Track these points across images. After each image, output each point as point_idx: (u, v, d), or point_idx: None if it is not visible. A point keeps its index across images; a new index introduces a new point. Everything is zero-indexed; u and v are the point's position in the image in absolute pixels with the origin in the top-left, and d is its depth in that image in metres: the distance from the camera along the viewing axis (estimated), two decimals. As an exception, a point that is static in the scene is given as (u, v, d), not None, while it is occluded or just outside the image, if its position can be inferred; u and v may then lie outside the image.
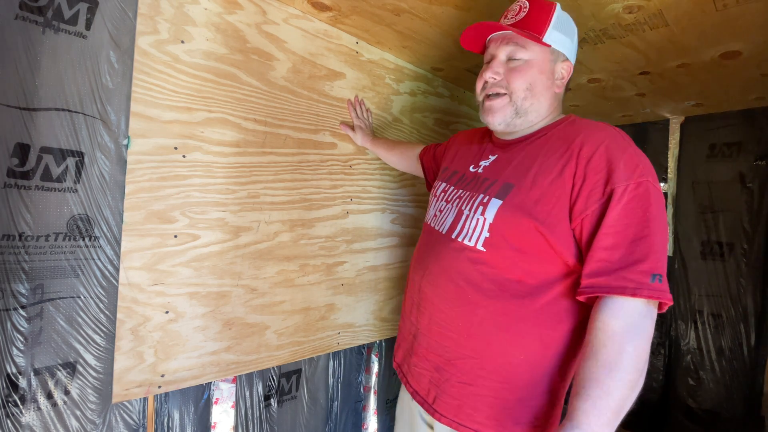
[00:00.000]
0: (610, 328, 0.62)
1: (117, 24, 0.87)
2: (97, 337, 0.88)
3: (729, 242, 1.85)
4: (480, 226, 0.75)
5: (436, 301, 0.81)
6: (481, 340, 0.74)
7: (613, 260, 0.63)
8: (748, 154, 1.81)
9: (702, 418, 1.88)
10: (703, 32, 1.11)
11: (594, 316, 0.65)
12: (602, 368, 0.60)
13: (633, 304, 0.62)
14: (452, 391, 0.77)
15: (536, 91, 0.80)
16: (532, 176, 0.74)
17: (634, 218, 0.64)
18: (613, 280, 0.63)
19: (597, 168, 0.68)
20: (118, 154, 0.89)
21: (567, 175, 0.70)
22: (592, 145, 0.70)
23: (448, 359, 0.78)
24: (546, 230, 0.69)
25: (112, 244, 0.89)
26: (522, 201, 0.72)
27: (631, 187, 0.65)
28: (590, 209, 0.67)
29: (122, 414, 0.92)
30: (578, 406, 0.59)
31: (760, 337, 1.75)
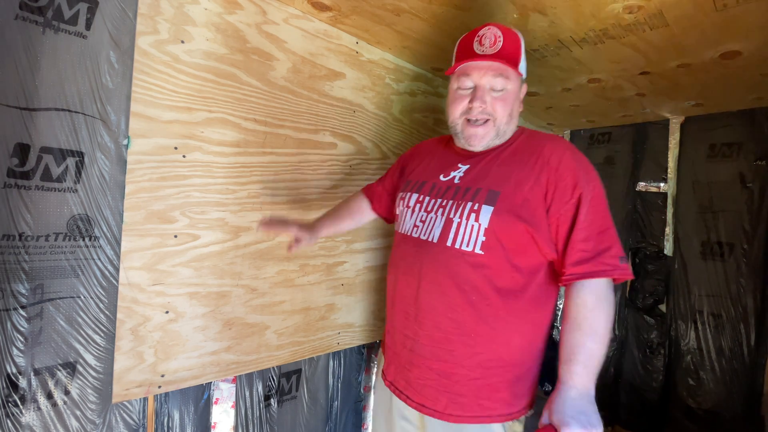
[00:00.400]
0: (589, 303, 0.76)
1: (117, 24, 0.87)
2: (97, 337, 0.88)
3: (729, 242, 1.85)
4: (476, 231, 0.82)
5: (440, 309, 0.84)
6: (487, 336, 0.82)
7: (589, 250, 0.77)
8: (748, 154, 1.81)
9: (702, 418, 1.88)
10: (703, 32, 1.11)
11: (573, 296, 0.78)
12: (585, 335, 0.75)
13: (603, 281, 0.77)
14: (463, 391, 0.83)
15: (514, 115, 0.90)
16: (513, 183, 0.83)
17: (597, 215, 0.79)
18: (593, 266, 0.77)
19: (564, 175, 0.81)
20: (118, 154, 0.89)
21: (542, 182, 0.81)
22: (557, 155, 0.83)
23: (456, 362, 0.84)
24: (533, 230, 0.80)
25: (112, 244, 0.89)
26: (511, 205, 0.81)
27: (590, 189, 0.80)
28: (563, 209, 0.79)
29: (122, 414, 0.92)
30: (571, 369, 0.74)
31: (760, 337, 1.75)
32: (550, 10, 1.05)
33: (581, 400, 0.72)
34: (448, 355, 0.84)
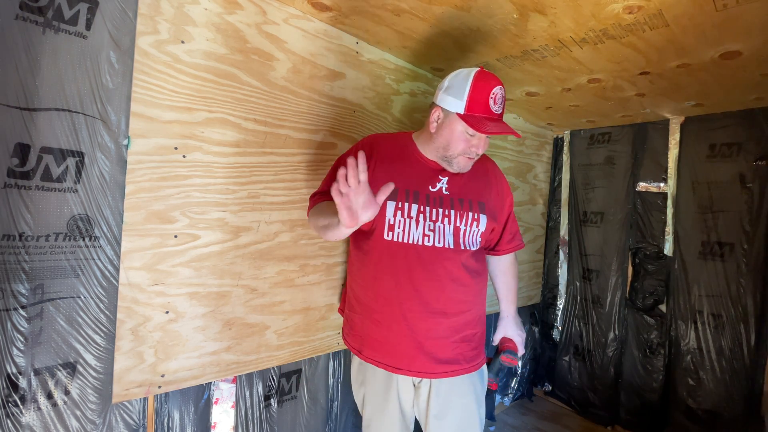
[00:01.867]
0: (513, 264, 1.27)
1: (117, 24, 0.87)
2: (97, 337, 0.88)
3: (729, 242, 1.85)
4: (476, 235, 1.09)
5: (456, 294, 1.07)
6: (475, 303, 1.12)
7: (513, 233, 1.23)
8: (748, 155, 1.81)
9: (702, 418, 1.88)
10: (703, 32, 1.11)
11: (507, 261, 1.26)
12: (513, 281, 1.28)
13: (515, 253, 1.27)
14: (471, 346, 1.10)
15: None
16: (490, 195, 1.13)
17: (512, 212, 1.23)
18: (517, 243, 1.24)
19: (504, 187, 1.19)
20: (118, 154, 0.89)
21: (498, 193, 1.16)
22: (498, 170, 1.21)
23: (467, 327, 1.09)
24: (499, 227, 1.17)
25: (112, 244, 0.89)
26: (491, 213, 1.12)
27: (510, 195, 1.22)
28: (505, 210, 1.19)
29: (122, 414, 0.93)
30: (509, 303, 1.28)
31: (760, 337, 1.75)
32: (550, 10, 1.05)
33: (518, 319, 1.28)
34: (463, 325, 1.08)
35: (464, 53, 1.38)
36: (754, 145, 1.79)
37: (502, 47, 1.30)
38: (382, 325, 1.05)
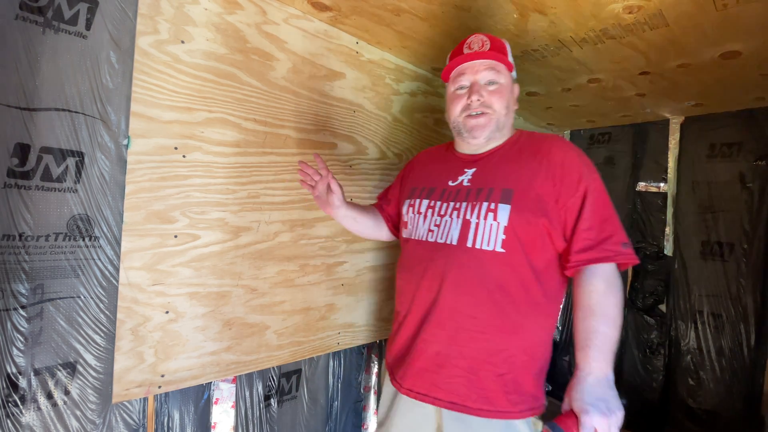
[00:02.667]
0: (599, 289, 0.78)
1: (117, 24, 0.87)
2: (97, 337, 0.88)
3: (729, 242, 1.85)
4: (495, 230, 0.85)
5: (464, 309, 0.86)
6: (510, 332, 0.85)
7: (593, 238, 0.81)
8: (748, 154, 1.81)
9: (702, 418, 1.88)
10: (703, 32, 1.11)
11: (582, 283, 0.81)
12: (599, 320, 0.77)
13: (610, 267, 0.80)
14: (491, 386, 0.85)
15: (509, 110, 0.96)
16: (525, 180, 0.87)
17: (599, 206, 0.83)
18: (597, 252, 0.80)
19: (569, 170, 0.85)
20: (118, 154, 0.89)
21: (549, 177, 0.86)
22: (561, 152, 0.88)
23: (483, 359, 0.85)
24: (549, 224, 0.84)
25: (112, 244, 0.89)
26: (526, 203, 0.85)
27: (593, 183, 0.85)
28: (570, 202, 0.84)
29: (122, 414, 0.92)
30: (587, 355, 0.75)
31: (760, 337, 1.75)
32: (550, 10, 1.05)
33: (599, 386, 0.73)
34: (476, 353, 0.85)
35: (464, 53, 1.38)
36: (754, 145, 1.79)
37: (502, 47, 1.30)
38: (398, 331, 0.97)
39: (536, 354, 0.87)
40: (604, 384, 0.73)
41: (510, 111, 0.96)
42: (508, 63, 0.95)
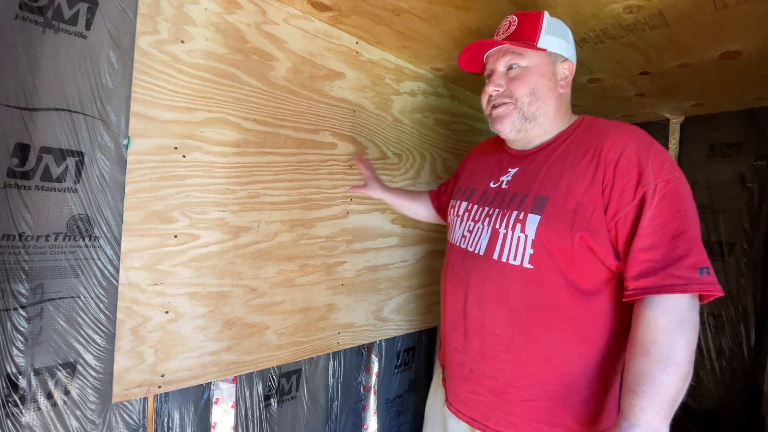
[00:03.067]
0: (660, 324, 0.63)
1: (117, 24, 0.87)
2: (97, 337, 0.88)
3: (729, 242, 1.85)
4: (522, 243, 0.75)
5: (488, 325, 0.80)
6: (541, 357, 0.75)
7: (657, 259, 0.64)
8: (748, 154, 1.81)
9: (702, 418, 1.88)
10: (703, 32, 1.11)
11: (640, 314, 0.65)
12: (655, 364, 0.61)
13: (680, 298, 0.63)
14: (516, 411, 0.77)
15: (540, 95, 0.81)
16: (564, 187, 0.74)
17: (669, 216, 0.65)
18: (661, 279, 0.63)
19: (625, 171, 0.69)
20: (118, 154, 0.89)
21: (597, 181, 0.71)
22: (618, 147, 0.71)
23: (507, 381, 0.78)
24: (589, 238, 0.70)
25: (112, 244, 0.89)
26: (560, 213, 0.72)
27: (661, 186, 0.67)
28: (623, 211, 0.68)
29: (122, 414, 0.92)
30: (635, 404, 0.61)
31: (760, 337, 1.75)
32: (550, 10, 1.05)
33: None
34: (499, 373, 0.79)
35: (464, 53, 1.38)
36: (754, 145, 1.79)
37: (502, 47, 1.30)
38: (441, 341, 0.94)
39: (576, 386, 0.74)
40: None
41: (544, 96, 0.81)
42: (532, 43, 0.80)
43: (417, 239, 1.63)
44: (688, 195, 0.68)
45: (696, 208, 0.68)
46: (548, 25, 0.82)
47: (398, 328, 1.57)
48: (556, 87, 0.83)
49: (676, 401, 0.62)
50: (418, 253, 1.63)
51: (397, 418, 1.67)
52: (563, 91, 0.84)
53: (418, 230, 1.63)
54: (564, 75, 0.84)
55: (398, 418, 1.68)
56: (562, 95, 0.84)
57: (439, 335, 1.83)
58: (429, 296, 1.71)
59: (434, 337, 1.84)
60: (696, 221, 0.67)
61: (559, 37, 0.82)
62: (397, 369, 1.65)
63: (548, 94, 0.82)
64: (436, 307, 1.75)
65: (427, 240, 1.67)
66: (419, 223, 1.63)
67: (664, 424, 0.61)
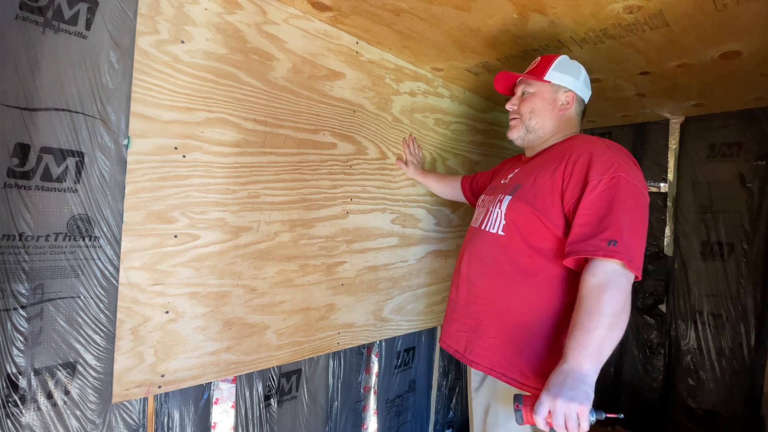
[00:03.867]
0: (589, 283, 0.81)
1: (117, 24, 0.87)
2: (97, 337, 0.88)
3: (729, 242, 1.85)
4: (499, 217, 1.01)
5: (472, 278, 1.05)
6: (502, 304, 0.97)
7: (585, 233, 0.84)
8: (748, 154, 1.81)
9: (702, 418, 1.88)
10: (703, 32, 1.11)
11: (581, 276, 0.84)
12: (584, 314, 0.79)
13: (608, 264, 0.81)
14: (484, 344, 0.99)
15: (537, 112, 1.08)
16: (534, 178, 0.99)
17: (604, 203, 0.84)
18: (581, 246, 0.83)
19: (580, 168, 0.90)
20: (118, 154, 0.89)
21: (557, 174, 0.93)
22: (579, 152, 0.93)
23: (480, 321, 1.01)
24: (540, 214, 0.92)
25: (112, 244, 0.89)
26: (524, 195, 0.97)
27: (605, 181, 0.85)
28: (574, 198, 0.89)
29: (122, 414, 0.92)
30: (567, 345, 0.80)
31: (760, 337, 1.75)
32: (550, 10, 1.05)
33: (569, 376, 0.76)
34: (475, 314, 1.02)
35: (464, 53, 1.38)
36: (754, 145, 1.79)
37: (502, 47, 1.30)
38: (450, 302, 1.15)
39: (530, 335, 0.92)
40: (576, 376, 0.76)
41: (540, 114, 1.07)
42: (541, 77, 1.06)
43: (417, 239, 1.63)
44: (629, 191, 0.85)
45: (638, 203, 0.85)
46: (558, 64, 1.07)
47: (398, 328, 1.57)
48: (555, 109, 1.07)
49: (600, 345, 0.77)
50: (418, 253, 1.64)
51: (397, 418, 1.67)
52: (562, 113, 1.08)
53: (418, 230, 1.63)
54: (565, 101, 1.07)
55: (398, 418, 1.68)
56: (561, 116, 1.08)
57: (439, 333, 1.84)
58: (429, 296, 1.71)
59: (434, 337, 1.84)
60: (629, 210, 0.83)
61: (565, 74, 1.06)
62: (397, 369, 1.65)
63: (545, 112, 1.07)
64: (435, 307, 1.75)
65: (427, 240, 1.67)
66: (419, 223, 1.63)
67: (587, 360, 0.76)
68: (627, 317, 0.79)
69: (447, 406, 1.94)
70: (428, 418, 1.84)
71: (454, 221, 1.81)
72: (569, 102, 1.07)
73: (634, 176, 0.87)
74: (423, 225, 1.65)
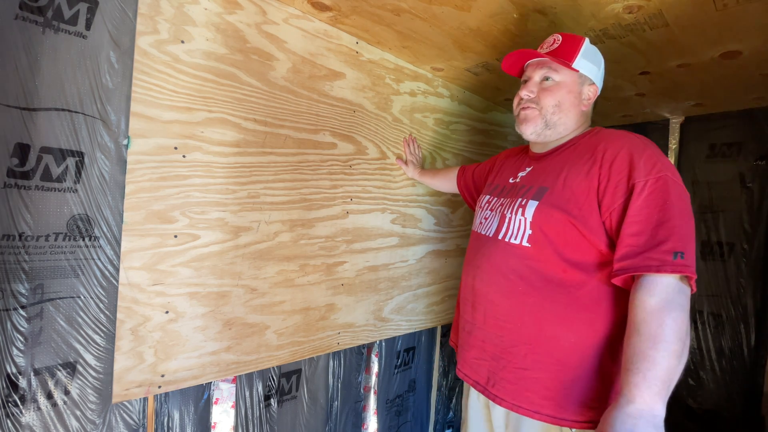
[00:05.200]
0: (647, 304, 0.69)
1: (117, 24, 0.87)
2: (97, 337, 0.88)
3: (729, 242, 1.85)
4: (522, 225, 0.87)
5: (490, 296, 0.91)
6: (534, 328, 0.83)
7: (639, 244, 0.72)
8: (748, 154, 1.81)
9: (702, 418, 1.88)
10: (703, 32, 1.11)
11: (632, 297, 0.72)
12: (646, 342, 0.67)
13: (665, 280, 0.69)
14: (510, 377, 0.86)
15: (564, 108, 0.93)
16: (563, 179, 0.86)
17: (655, 207, 0.73)
18: (639, 261, 0.71)
19: (619, 168, 0.78)
20: (118, 154, 0.89)
21: (593, 175, 0.81)
22: (614, 148, 0.81)
23: (504, 348, 0.87)
24: (578, 223, 0.80)
25: (112, 244, 0.89)
26: (555, 200, 0.84)
27: (651, 182, 0.75)
28: (617, 203, 0.77)
29: (122, 414, 0.92)
30: (629, 381, 0.66)
31: (760, 337, 1.75)
32: (550, 10, 1.05)
33: (637, 418, 0.64)
34: (498, 340, 0.89)
35: (464, 53, 1.38)
36: (754, 145, 1.79)
37: (502, 47, 1.30)
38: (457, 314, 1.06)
39: (569, 363, 0.80)
40: (644, 419, 0.63)
41: (567, 110, 0.93)
42: (569, 62, 0.91)
43: (417, 239, 1.63)
44: (677, 192, 0.74)
45: (688, 206, 0.75)
46: (586, 51, 0.93)
47: (398, 328, 1.57)
48: (580, 104, 0.95)
49: (670, 378, 0.66)
50: (418, 253, 1.64)
51: (397, 418, 1.67)
52: (584, 109, 0.97)
53: (418, 230, 1.63)
54: (588, 96, 0.96)
55: (398, 418, 1.68)
56: (583, 112, 0.97)
57: (439, 333, 1.83)
58: (429, 296, 1.71)
59: (434, 337, 1.84)
60: (684, 214, 0.73)
61: (592, 63, 0.94)
62: (397, 369, 1.65)
63: (571, 108, 0.94)
64: (435, 307, 1.75)
65: (427, 240, 1.67)
66: (419, 223, 1.63)
67: (658, 399, 0.65)
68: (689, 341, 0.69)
69: (447, 406, 1.94)
70: (428, 418, 1.84)
71: (454, 221, 1.82)
72: (592, 97, 0.96)
73: (678, 175, 0.78)
74: (423, 225, 1.65)
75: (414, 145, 1.55)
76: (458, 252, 1.84)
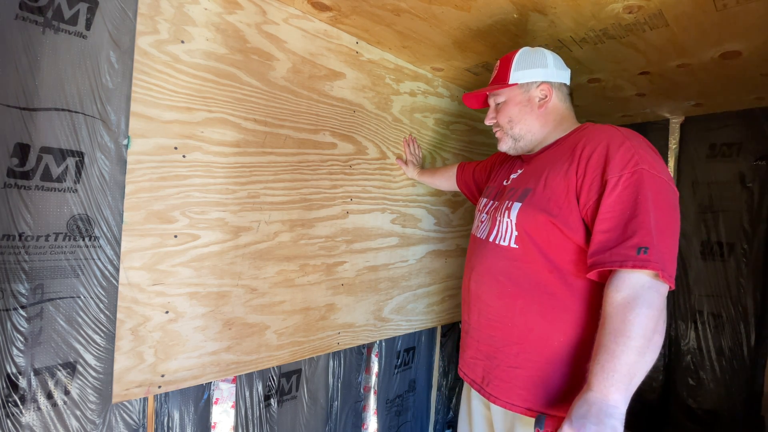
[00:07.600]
0: (613, 299, 0.71)
1: (117, 24, 0.87)
2: (97, 337, 0.88)
3: (729, 242, 1.85)
4: (509, 227, 0.89)
5: (483, 297, 0.94)
6: (524, 328, 0.86)
7: (609, 240, 0.73)
8: (748, 154, 1.81)
9: (702, 418, 1.88)
10: (703, 32, 1.11)
11: (605, 291, 0.73)
12: (609, 335, 0.69)
13: (634, 276, 0.70)
14: (502, 376, 0.89)
15: (517, 119, 0.99)
16: (544, 179, 0.87)
17: (628, 203, 0.73)
18: (606, 257, 0.72)
19: (595, 164, 0.79)
20: (118, 154, 0.89)
21: (571, 174, 0.82)
22: (593, 145, 0.82)
23: (497, 347, 0.90)
24: (559, 222, 0.81)
25: (112, 244, 0.89)
26: (537, 201, 0.86)
27: (625, 177, 0.74)
28: (591, 200, 0.77)
29: (122, 414, 0.92)
30: (591, 370, 0.70)
31: (760, 337, 1.75)
32: (550, 10, 1.05)
33: (594, 406, 0.66)
34: (491, 340, 0.92)
35: (464, 53, 1.38)
36: (754, 145, 1.79)
37: (502, 47, 1.30)
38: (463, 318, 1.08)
39: (557, 361, 0.82)
40: (601, 407, 0.66)
41: (521, 119, 0.98)
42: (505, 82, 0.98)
43: (417, 239, 1.63)
44: (654, 186, 0.73)
45: (668, 199, 0.74)
46: (518, 61, 0.97)
47: (398, 328, 1.57)
48: (534, 108, 0.98)
49: (630, 372, 0.67)
50: (418, 253, 1.64)
51: (397, 418, 1.67)
52: (542, 109, 0.97)
53: (418, 230, 1.63)
54: (541, 96, 0.98)
55: (398, 418, 1.68)
56: (545, 112, 0.98)
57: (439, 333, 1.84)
58: (429, 296, 1.71)
59: (434, 337, 1.84)
60: (655, 207, 0.72)
61: (530, 68, 0.97)
62: (397, 369, 1.65)
63: (526, 116, 0.98)
64: (435, 307, 1.75)
65: (427, 240, 1.67)
66: (419, 223, 1.63)
67: (614, 390, 0.66)
68: (662, 337, 0.69)
69: (447, 406, 1.94)
70: (428, 418, 1.84)
71: (454, 221, 1.82)
72: (547, 95, 0.97)
73: (659, 168, 0.76)
74: (423, 225, 1.65)
75: (414, 145, 1.55)
76: (458, 252, 1.84)
